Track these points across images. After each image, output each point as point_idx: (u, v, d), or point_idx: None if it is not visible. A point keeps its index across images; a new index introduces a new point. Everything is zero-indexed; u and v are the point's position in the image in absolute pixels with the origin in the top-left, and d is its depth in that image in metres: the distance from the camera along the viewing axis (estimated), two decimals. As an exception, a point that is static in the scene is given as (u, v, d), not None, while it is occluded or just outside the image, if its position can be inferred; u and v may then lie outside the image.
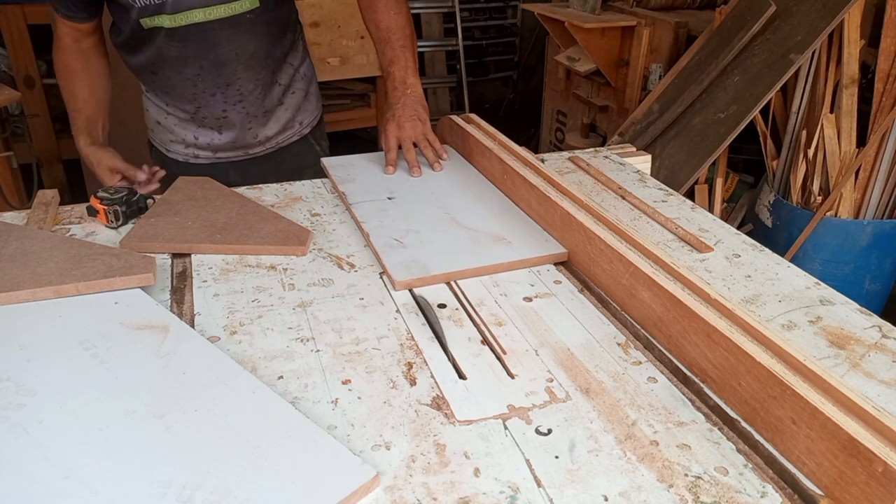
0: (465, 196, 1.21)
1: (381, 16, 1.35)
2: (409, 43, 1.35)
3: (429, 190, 1.23)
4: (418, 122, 1.32)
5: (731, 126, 2.49)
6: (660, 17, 3.01)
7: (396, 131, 1.31)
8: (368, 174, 1.30)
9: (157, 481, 0.62)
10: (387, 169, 1.29)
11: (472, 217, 1.13)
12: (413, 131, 1.31)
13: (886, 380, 0.77)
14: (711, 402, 0.75)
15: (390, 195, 1.21)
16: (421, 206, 1.17)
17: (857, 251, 2.53)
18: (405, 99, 1.32)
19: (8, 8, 3.00)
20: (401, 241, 1.05)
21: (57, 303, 0.89)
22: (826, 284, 0.95)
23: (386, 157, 1.31)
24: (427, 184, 1.26)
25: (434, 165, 1.31)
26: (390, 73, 1.33)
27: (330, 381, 0.77)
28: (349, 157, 1.38)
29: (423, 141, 1.32)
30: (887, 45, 2.38)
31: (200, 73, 1.40)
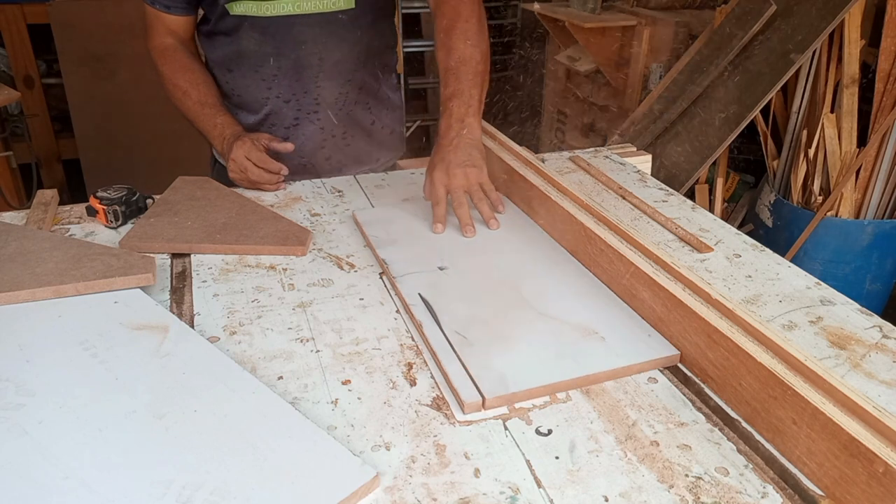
0: (532, 264, 1.01)
1: (456, 43, 1.17)
2: (479, 80, 1.16)
3: (487, 256, 1.03)
4: (472, 168, 1.11)
5: (732, 126, 2.49)
6: (660, 17, 3.01)
7: (445, 179, 1.10)
8: (411, 232, 1.09)
9: (156, 481, 0.62)
10: (434, 227, 1.09)
11: (546, 296, 0.92)
12: (465, 180, 1.10)
13: (887, 380, 0.76)
14: (712, 402, 0.75)
15: (441, 264, 0.99)
16: (481, 281, 0.96)
17: (858, 251, 2.53)
18: (458, 140, 1.11)
19: (7, 8, 3.00)
20: (464, 335, 0.83)
21: (56, 303, 0.88)
22: (826, 284, 0.95)
23: (433, 212, 1.10)
24: (484, 246, 1.05)
25: (489, 223, 1.10)
26: (448, 108, 1.14)
27: (330, 381, 0.77)
28: (387, 209, 1.18)
29: (478, 192, 1.11)
30: (888, 45, 2.37)
31: (277, 74, 1.33)
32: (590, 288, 0.95)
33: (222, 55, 1.36)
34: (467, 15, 1.19)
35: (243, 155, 1.23)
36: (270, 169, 1.23)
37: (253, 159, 1.22)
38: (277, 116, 1.37)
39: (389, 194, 1.25)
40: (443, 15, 1.21)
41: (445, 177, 1.10)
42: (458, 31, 1.18)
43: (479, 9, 1.21)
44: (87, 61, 3.07)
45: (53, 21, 3.00)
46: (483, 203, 1.11)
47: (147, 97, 3.14)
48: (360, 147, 1.45)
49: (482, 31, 1.20)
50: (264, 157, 1.23)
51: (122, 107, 3.14)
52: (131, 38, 3.08)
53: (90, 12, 3.01)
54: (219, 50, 1.36)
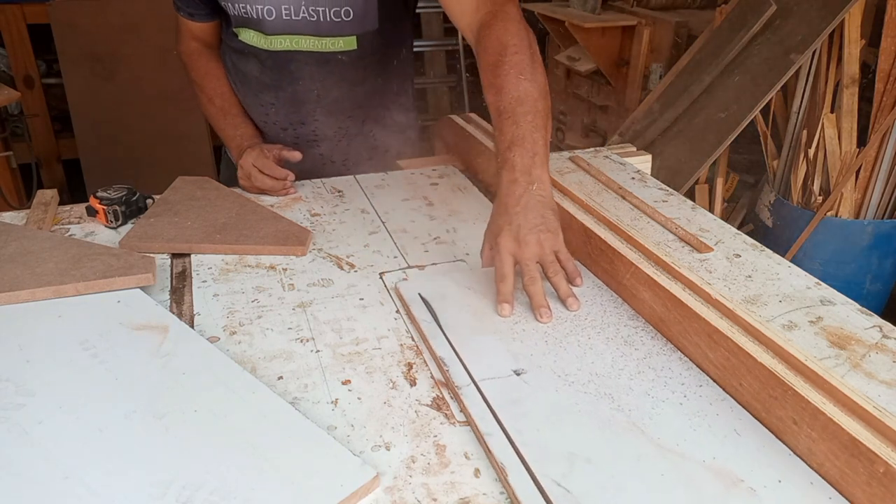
0: (627, 359, 0.79)
1: (507, 81, 0.97)
2: (542, 122, 0.96)
3: (570, 348, 0.81)
4: (546, 233, 0.90)
5: (732, 126, 2.49)
6: (660, 17, 3.01)
7: (514, 248, 0.89)
8: (470, 313, 0.88)
9: (156, 482, 0.62)
10: (500, 309, 0.88)
11: (658, 413, 0.71)
12: (539, 248, 0.90)
13: (887, 380, 0.76)
14: (712, 402, 0.75)
15: (517, 365, 0.78)
16: (569, 391, 0.74)
17: (858, 251, 2.53)
18: (528, 198, 0.91)
19: (7, 8, 3.00)
20: (564, 485, 0.62)
21: (56, 303, 0.88)
22: (826, 284, 0.95)
23: (498, 290, 0.89)
24: (563, 333, 0.84)
25: (568, 303, 0.89)
26: (508, 160, 0.93)
27: (330, 381, 0.77)
28: (434, 279, 0.96)
29: (553, 263, 0.90)
30: (888, 45, 2.37)
31: (275, 103, 1.34)
32: (709, 397, 0.73)
33: (234, 72, 1.37)
34: (516, 46, 0.99)
35: (251, 162, 1.23)
36: (276, 176, 1.23)
37: (259, 167, 1.23)
38: (277, 139, 1.39)
39: (389, 194, 1.25)
40: (486, 50, 1.01)
41: (515, 245, 0.89)
42: (507, 66, 0.98)
43: (528, 36, 1.02)
44: (87, 61, 3.07)
45: (53, 21, 3.00)
46: (559, 277, 0.90)
47: (147, 97, 3.14)
48: (362, 169, 1.45)
49: (536, 63, 1.00)
50: (270, 164, 1.23)
51: (122, 107, 3.14)
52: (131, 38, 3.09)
53: (90, 12, 3.02)
54: (232, 67, 1.37)
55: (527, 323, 0.87)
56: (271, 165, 1.23)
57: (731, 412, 0.71)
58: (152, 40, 3.07)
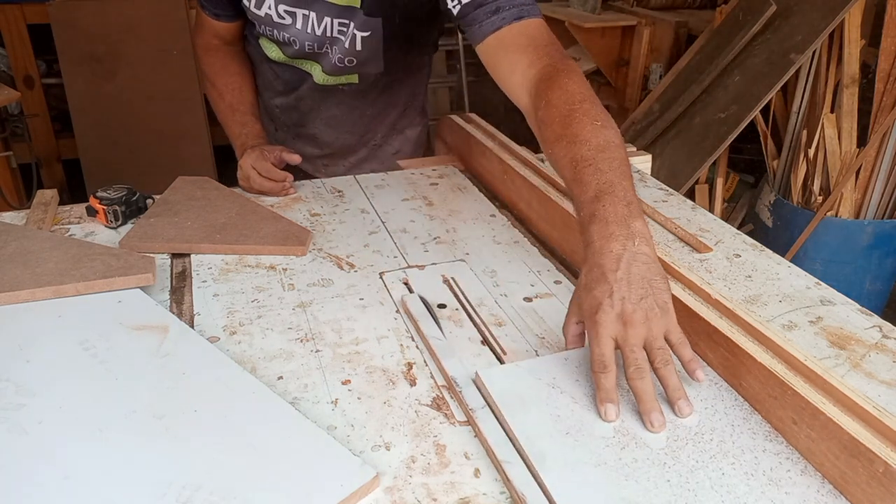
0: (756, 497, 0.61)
1: (583, 129, 0.84)
2: (629, 171, 0.80)
3: (699, 494, 0.61)
4: (655, 310, 0.70)
5: (732, 126, 2.49)
6: (660, 17, 3.01)
7: (618, 328, 0.70)
8: (563, 433, 0.67)
9: (156, 482, 0.62)
10: (605, 413, 0.68)
11: None
12: (646, 329, 0.69)
13: (887, 380, 0.76)
14: (712, 402, 0.74)
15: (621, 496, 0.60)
16: None
17: (858, 251, 2.53)
18: (629, 259, 0.72)
19: (7, 8, 3.00)
20: None
21: (56, 303, 0.88)
22: (826, 284, 0.95)
23: (599, 386, 0.69)
24: (692, 469, 0.63)
25: (679, 406, 0.69)
26: (597, 212, 0.76)
27: (329, 381, 0.77)
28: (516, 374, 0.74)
29: (662, 350, 0.69)
30: (888, 45, 2.37)
31: (281, 107, 1.40)
32: None
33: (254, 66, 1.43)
34: (585, 95, 0.89)
35: (249, 164, 1.24)
36: (274, 178, 1.23)
37: (258, 169, 1.23)
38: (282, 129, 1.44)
39: (389, 194, 1.25)
40: (551, 102, 0.90)
41: (619, 324, 0.69)
42: (581, 115, 0.86)
43: (590, 89, 0.93)
44: (87, 61, 3.07)
45: (53, 21, 3.00)
46: (670, 369, 0.69)
47: (147, 97, 3.14)
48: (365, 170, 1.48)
49: (608, 114, 0.89)
50: (268, 167, 1.24)
51: (122, 107, 3.14)
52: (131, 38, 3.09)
53: (90, 12, 3.01)
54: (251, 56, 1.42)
55: (637, 447, 0.65)
56: (270, 168, 1.24)
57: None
58: (152, 40, 3.07)
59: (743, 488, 0.62)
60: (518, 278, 0.98)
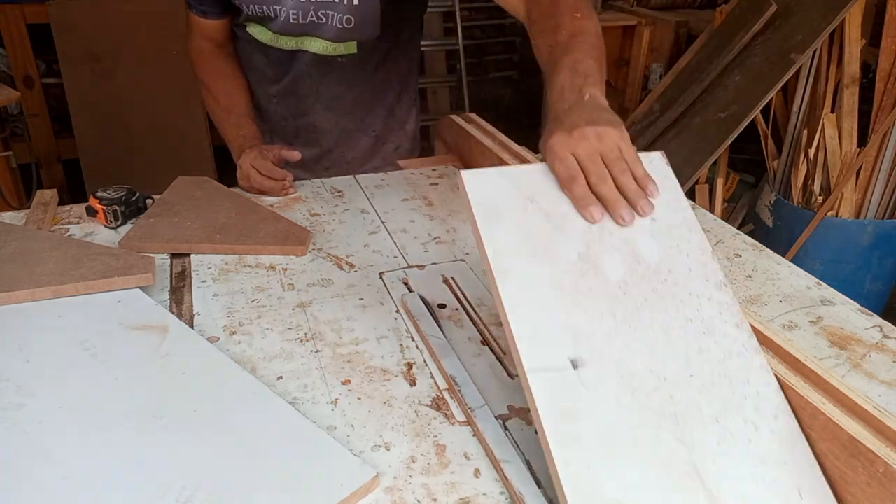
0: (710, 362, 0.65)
1: (562, 20, 0.90)
2: (598, 53, 0.86)
3: (644, 337, 0.65)
4: (606, 125, 0.74)
5: (732, 126, 2.49)
6: (660, 17, 3.01)
7: (570, 143, 0.74)
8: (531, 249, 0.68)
9: (156, 482, 0.62)
10: (589, 214, 0.71)
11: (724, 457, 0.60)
12: (599, 142, 0.74)
13: (887, 380, 0.76)
14: (712, 402, 0.74)
15: (575, 355, 0.62)
16: (634, 410, 0.61)
17: (858, 251, 2.53)
18: (578, 104, 0.78)
19: (7, 8, 2.99)
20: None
21: (56, 303, 0.88)
22: (827, 284, 0.95)
23: (573, 195, 0.72)
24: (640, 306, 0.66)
25: (640, 206, 0.72)
26: (557, 83, 0.82)
27: (329, 381, 0.77)
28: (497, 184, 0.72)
29: (618, 161, 0.73)
30: (888, 45, 2.37)
31: (276, 95, 1.39)
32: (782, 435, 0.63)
33: (244, 56, 1.42)
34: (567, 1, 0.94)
35: (249, 163, 1.24)
36: (274, 176, 1.23)
37: (257, 167, 1.23)
38: (277, 131, 1.43)
39: (389, 194, 1.25)
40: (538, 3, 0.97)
41: (572, 141, 0.73)
42: (563, 7, 0.92)
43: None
44: (87, 61, 3.06)
45: (53, 21, 3.00)
46: (627, 176, 0.73)
47: (147, 97, 3.14)
48: (362, 162, 1.47)
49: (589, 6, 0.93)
50: (269, 165, 1.24)
51: (122, 107, 3.14)
52: (131, 38, 3.08)
53: (90, 12, 3.01)
54: (242, 53, 1.42)
55: (596, 277, 0.67)
56: (270, 166, 1.24)
57: (802, 460, 0.61)
58: (152, 40, 3.07)
59: (678, 332, 0.65)
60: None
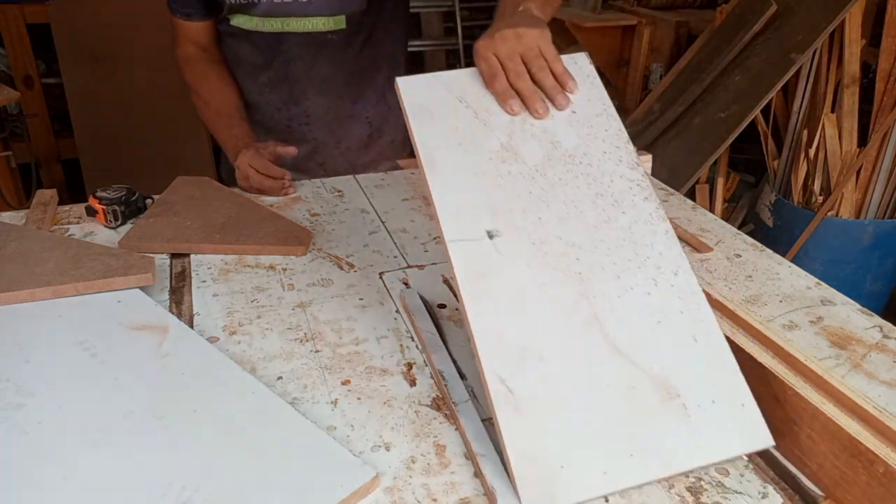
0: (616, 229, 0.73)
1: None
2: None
3: (556, 210, 0.73)
4: (527, 28, 0.81)
5: (732, 126, 2.49)
6: (660, 17, 3.01)
7: (491, 45, 0.82)
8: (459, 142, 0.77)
9: (156, 482, 0.62)
10: (508, 106, 0.79)
11: (625, 305, 0.68)
12: (517, 42, 0.81)
13: (887, 380, 0.76)
14: (712, 402, 0.75)
15: (492, 227, 0.71)
16: (543, 270, 0.69)
17: (859, 251, 2.53)
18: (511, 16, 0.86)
19: (7, 8, 2.99)
20: (509, 384, 0.62)
21: (56, 303, 0.88)
22: (827, 284, 0.95)
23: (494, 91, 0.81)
24: (554, 185, 0.75)
25: (557, 100, 0.80)
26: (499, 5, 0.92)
27: (329, 381, 0.77)
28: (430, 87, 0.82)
29: (537, 59, 0.81)
30: (888, 45, 2.37)
31: (267, 84, 1.38)
32: (681, 289, 0.69)
33: (230, 55, 1.41)
34: None
35: (247, 163, 1.23)
36: (273, 175, 1.23)
37: (255, 166, 1.23)
38: (272, 120, 1.42)
39: (389, 194, 1.25)
40: None
41: (493, 42, 0.81)
42: None
43: None
44: (87, 61, 3.07)
45: (53, 21, 3.00)
46: (545, 72, 0.80)
47: (147, 97, 3.14)
48: (355, 156, 1.47)
49: None
50: (266, 163, 1.23)
51: (122, 107, 3.14)
52: (131, 38, 3.08)
53: (90, 12, 3.01)
54: (228, 50, 1.41)
55: (516, 162, 0.75)
56: (268, 164, 1.23)
57: (697, 312, 0.69)
58: (152, 40, 3.06)
59: (589, 205, 0.73)
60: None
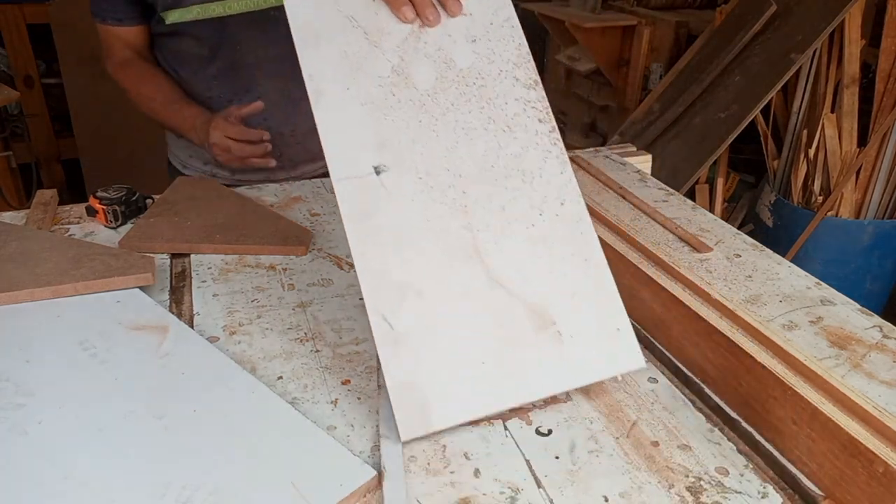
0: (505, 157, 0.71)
1: None
2: None
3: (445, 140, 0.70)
4: None
5: (732, 126, 2.49)
6: (660, 17, 3.01)
7: None
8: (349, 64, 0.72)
9: (156, 482, 0.62)
10: (403, 15, 0.75)
11: (507, 236, 0.68)
12: None
13: (887, 380, 0.76)
14: (712, 402, 0.75)
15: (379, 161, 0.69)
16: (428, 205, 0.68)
17: (858, 251, 2.53)
18: None
19: (7, 7, 3.00)
20: (390, 320, 0.63)
21: (56, 303, 0.88)
22: (827, 284, 0.95)
23: (389, 3, 0.77)
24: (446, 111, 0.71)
25: (450, 7, 0.77)
26: None
27: (329, 381, 0.77)
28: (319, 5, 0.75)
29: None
30: (888, 45, 2.37)
31: (217, 75, 1.35)
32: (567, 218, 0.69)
33: (168, 58, 1.36)
34: None
35: (221, 135, 1.21)
36: (251, 138, 1.20)
37: (232, 135, 1.20)
38: None
39: (389, 194, 1.25)
40: None
41: None
42: None
43: None
44: (87, 61, 3.06)
45: (53, 21, 3.00)
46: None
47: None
48: (311, 143, 1.42)
49: None
50: (241, 129, 1.21)
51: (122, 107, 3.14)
52: (131, 38, 3.08)
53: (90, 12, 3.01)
54: (164, 53, 1.36)
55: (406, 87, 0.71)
56: (243, 130, 1.20)
57: (581, 240, 0.70)
58: (152, 40, 3.07)
59: (480, 132, 0.70)
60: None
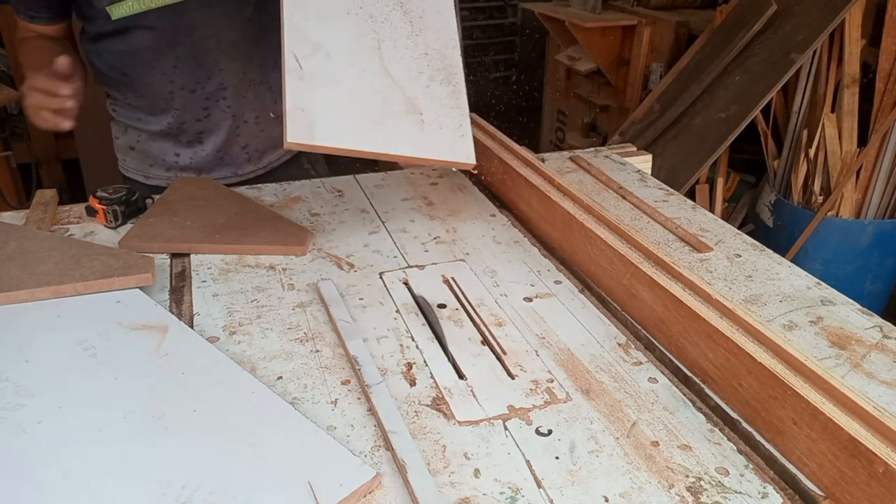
0: None
1: None
2: None
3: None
4: None
5: (732, 126, 2.49)
6: (660, 17, 3.01)
7: None
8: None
9: (156, 481, 0.62)
10: None
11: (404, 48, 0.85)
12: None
13: (887, 380, 0.76)
14: (712, 402, 0.75)
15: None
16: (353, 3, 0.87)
17: (858, 251, 2.53)
18: None
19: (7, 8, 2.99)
20: (301, 62, 0.81)
21: (55, 303, 0.88)
22: (827, 284, 0.95)
23: None
24: None
25: None
26: None
27: (329, 381, 0.77)
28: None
29: None
30: (888, 45, 2.37)
31: (177, 65, 1.27)
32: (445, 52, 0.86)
33: (115, 60, 1.30)
34: None
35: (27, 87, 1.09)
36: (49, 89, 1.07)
37: (40, 87, 1.08)
38: (187, 111, 1.33)
39: (389, 194, 1.25)
40: None
41: None
42: None
43: None
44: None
45: (53, 21, 2.99)
46: None
47: (147, 97, 3.13)
48: (274, 131, 1.41)
49: None
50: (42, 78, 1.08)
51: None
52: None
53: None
54: (110, 55, 1.29)
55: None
56: (44, 80, 1.07)
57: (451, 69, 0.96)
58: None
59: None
60: (518, 278, 0.98)
